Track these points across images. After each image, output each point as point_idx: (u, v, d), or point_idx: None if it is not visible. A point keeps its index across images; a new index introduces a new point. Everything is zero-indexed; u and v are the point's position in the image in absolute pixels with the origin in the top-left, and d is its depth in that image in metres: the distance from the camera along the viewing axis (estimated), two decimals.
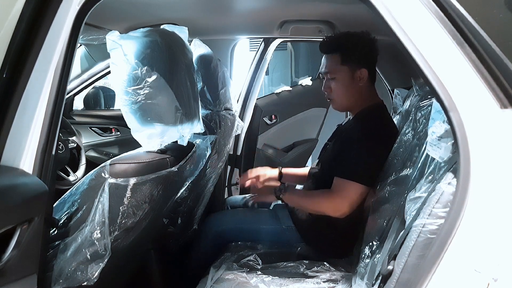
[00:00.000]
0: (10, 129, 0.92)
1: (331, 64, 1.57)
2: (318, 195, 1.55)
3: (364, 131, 1.50)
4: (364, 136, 1.48)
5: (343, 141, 1.57)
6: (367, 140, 1.47)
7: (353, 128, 1.58)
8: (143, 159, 1.17)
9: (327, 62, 1.59)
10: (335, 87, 1.57)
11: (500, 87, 0.77)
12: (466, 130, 0.77)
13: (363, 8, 0.86)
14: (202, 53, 1.77)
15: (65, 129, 2.26)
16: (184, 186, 1.48)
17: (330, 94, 1.60)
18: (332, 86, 1.58)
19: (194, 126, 1.33)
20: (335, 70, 1.56)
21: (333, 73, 1.56)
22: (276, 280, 1.41)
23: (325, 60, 1.59)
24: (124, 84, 1.15)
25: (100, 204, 1.09)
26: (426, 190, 0.92)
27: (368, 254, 1.26)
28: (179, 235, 1.72)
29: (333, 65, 1.56)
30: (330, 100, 1.62)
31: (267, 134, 2.75)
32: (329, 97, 1.62)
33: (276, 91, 2.83)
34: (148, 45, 1.17)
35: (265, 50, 2.50)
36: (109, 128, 2.85)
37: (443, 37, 0.79)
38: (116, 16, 1.76)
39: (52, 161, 0.97)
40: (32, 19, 0.92)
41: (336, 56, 1.56)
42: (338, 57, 1.55)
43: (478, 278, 0.76)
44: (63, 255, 1.08)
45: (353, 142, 1.49)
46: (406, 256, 0.87)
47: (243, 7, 1.77)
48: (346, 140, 1.55)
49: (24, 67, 0.92)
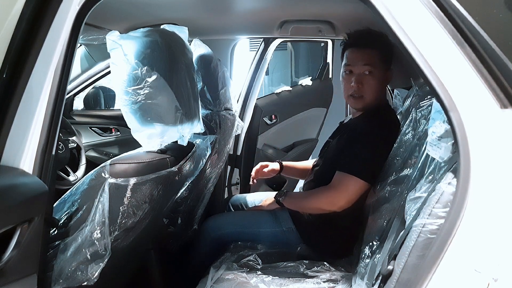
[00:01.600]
0: (10, 129, 0.92)
1: (371, 58, 1.51)
2: (316, 191, 1.56)
3: (371, 128, 1.49)
4: (370, 133, 1.47)
5: (350, 136, 1.53)
6: (373, 137, 1.47)
7: (361, 124, 1.56)
8: (143, 159, 1.17)
9: (363, 55, 1.51)
10: (370, 83, 1.51)
11: (500, 87, 0.77)
12: (466, 130, 0.77)
13: (363, 8, 0.86)
14: (202, 53, 1.77)
15: (65, 129, 2.26)
16: (184, 186, 1.48)
17: (360, 90, 1.52)
18: (366, 81, 1.51)
19: (194, 126, 1.33)
20: (375, 64, 1.51)
21: (373, 67, 1.50)
22: (276, 280, 1.41)
23: (360, 53, 1.52)
24: (124, 84, 1.15)
25: (100, 204, 1.09)
26: (426, 190, 0.92)
27: (368, 254, 1.26)
28: (179, 235, 1.72)
29: (373, 59, 1.51)
30: (357, 97, 1.54)
31: (267, 134, 2.75)
32: (357, 94, 1.53)
33: (276, 91, 2.83)
34: (148, 45, 1.17)
35: (265, 50, 2.50)
36: (109, 128, 2.85)
37: (443, 37, 0.79)
38: (116, 16, 1.76)
39: (52, 161, 0.97)
40: (32, 19, 0.92)
41: (376, 51, 1.51)
42: (378, 53, 1.51)
43: (478, 278, 0.76)
44: (63, 255, 1.08)
45: (358, 138, 1.48)
46: (406, 256, 0.87)
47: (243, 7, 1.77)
48: (352, 136, 1.52)
49: (24, 67, 0.92)
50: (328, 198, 1.47)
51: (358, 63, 1.52)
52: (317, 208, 1.53)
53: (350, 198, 1.43)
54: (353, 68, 1.54)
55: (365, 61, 1.51)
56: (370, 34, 1.54)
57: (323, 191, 1.50)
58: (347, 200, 1.43)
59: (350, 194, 1.43)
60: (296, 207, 1.64)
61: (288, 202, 1.64)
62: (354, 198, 1.43)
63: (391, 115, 1.60)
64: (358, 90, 1.52)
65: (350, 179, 1.43)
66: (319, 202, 1.51)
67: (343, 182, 1.44)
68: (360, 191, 1.43)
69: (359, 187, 1.43)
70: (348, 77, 1.55)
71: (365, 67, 1.51)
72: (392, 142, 1.47)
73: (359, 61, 1.52)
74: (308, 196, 1.60)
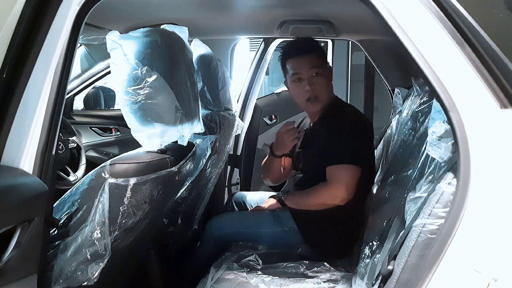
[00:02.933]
0: (10, 129, 0.92)
1: (316, 62, 1.60)
2: (316, 188, 1.57)
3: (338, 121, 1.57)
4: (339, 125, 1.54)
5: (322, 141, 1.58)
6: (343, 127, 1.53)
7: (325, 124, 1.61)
8: (143, 159, 1.17)
9: (308, 59, 1.59)
10: (321, 82, 1.59)
11: (500, 87, 0.77)
12: (466, 130, 0.77)
13: (363, 8, 0.86)
14: (202, 53, 1.77)
15: (65, 129, 2.26)
16: (184, 186, 1.48)
17: (315, 92, 1.59)
18: (317, 82, 1.59)
19: (194, 126, 1.33)
20: (319, 65, 1.60)
21: (318, 68, 1.59)
22: (276, 280, 1.41)
23: (303, 59, 1.60)
24: (124, 84, 1.15)
25: (100, 204, 1.09)
26: (426, 190, 0.92)
27: (368, 254, 1.26)
28: (179, 235, 1.72)
29: (317, 62, 1.60)
30: (313, 100, 1.60)
31: (267, 134, 2.74)
32: (313, 96, 1.59)
33: (276, 91, 2.83)
34: (148, 45, 1.17)
35: (265, 50, 2.50)
36: (109, 128, 2.85)
37: (443, 37, 0.79)
38: (116, 16, 1.76)
39: (52, 161, 0.97)
40: (32, 19, 0.92)
41: (316, 55, 1.61)
42: (318, 55, 1.61)
43: (478, 278, 0.76)
44: (63, 255, 1.08)
45: (331, 135, 1.53)
46: (406, 256, 0.87)
47: (243, 7, 1.77)
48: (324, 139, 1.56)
49: (24, 67, 0.92)
50: (329, 193, 1.50)
51: (305, 68, 1.59)
52: (321, 203, 1.54)
53: (349, 187, 1.46)
54: (302, 74, 1.60)
55: (311, 65, 1.58)
56: (304, 41, 1.66)
57: (323, 187, 1.53)
58: (347, 190, 1.46)
59: (348, 183, 1.46)
60: (298, 205, 1.65)
61: (290, 201, 1.65)
62: (353, 186, 1.47)
63: (346, 105, 1.72)
64: (312, 92, 1.59)
65: (343, 169, 1.47)
66: (321, 197, 1.53)
67: (337, 173, 1.48)
68: (355, 176, 1.47)
69: (352, 173, 1.47)
70: (299, 84, 1.61)
71: (312, 70, 1.58)
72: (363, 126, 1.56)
73: (305, 66, 1.59)
74: (310, 193, 1.61)
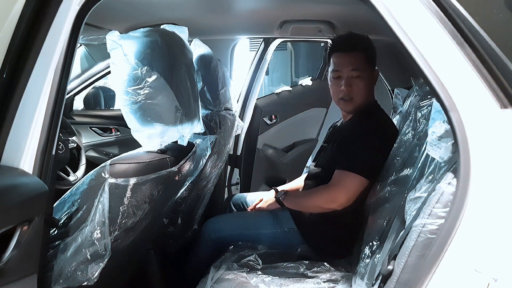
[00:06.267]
0: (10, 129, 0.92)
1: (357, 61, 1.53)
2: (316, 190, 1.56)
3: (366, 127, 1.51)
4: (366, 132, 1.49)
5: (344, 139, 1.55)
6: (369, 135, 1.48)
7: (354, 125, 1.57)
8: (143, 159, 1.17)
9: (350, 59, 1.54)
10: (359, 85, 1.54)
11: (500, 87, 0.77)
12: (466, 130, 0.77)
13: (363, 8, 0.86)
14: (202, 53, 1.77)
15: (65, 129, 2.26)
16: (184, 186, 1.48)
17: (350, 93, 1.54)
18: (355, 84, 1.54)
19: (194, 126, 1.33)
20: (362, 67, 1.54)
21: (360, 71, 1.53)
22: (276, 280, 1.40)
23: (346, 57, 1.55)
24: (124, 84, 1.15)
25: (100, 204, 1.09)
26: (426, 190, 0.92)
27: (368, 254, 1.26)
28: (179, 235, 1.72)
29: (359, 62, 1.54)
30: (347, 100, 1.56)
31: (267, 134, 2.75)
32: (347, 96, 1.55)
33: (276, 91, 2.83)
34: (148, 45, 1.18)
35: (265, 50, 2.50)
36: (109, 128, 2.85)
37: (443, 37, 0.79)
38: (116, 16, 1.76)
39: (52, 161, 0.97)
40: (32, 19, 0.92)
41: (361, 54, 1.54)
42: (363, 55, 1.54)
43: (478, 278, 0.76)
44: (63, 255, 1.08)
45: (354, 138, 1.49)
46: (406, 256, 0.87)
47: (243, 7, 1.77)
48: (347, 138, 1.54)
49: (24, 67, 0.92)
50: (328, 196, 1.48)
51: (346, 68, 1.55)
52: (318, 206, 1.53)
53: (350, 194, 1.44)
54: (341, 73, 1.56)
55: (352, 66, 1.54)
56: (353, 38, 1.58)
57: (323, 189, 1.51)
58: (347, 197, 1.44)
59: (350, 191, 1.43)
60: (296, 206, 1.64)
61: (288, 201, 1.64)
62: (354, 194, 1.44)
63: (382, 114, 1.62)
64: (348, 93, 1.55)
65: (349, 176, 1.43)
66: (319, 200, 1.51)
67: (342, 179, 1.45)
68: (359, 187, 1.44)
69: (358, 183, 1.43)
70: (337, 81, 1.58)
71: (353, 72, 1.54)
72: (389, 139, 1.49)
73: (347, 65, 1.55)
74: (309, 195, 1.60)
